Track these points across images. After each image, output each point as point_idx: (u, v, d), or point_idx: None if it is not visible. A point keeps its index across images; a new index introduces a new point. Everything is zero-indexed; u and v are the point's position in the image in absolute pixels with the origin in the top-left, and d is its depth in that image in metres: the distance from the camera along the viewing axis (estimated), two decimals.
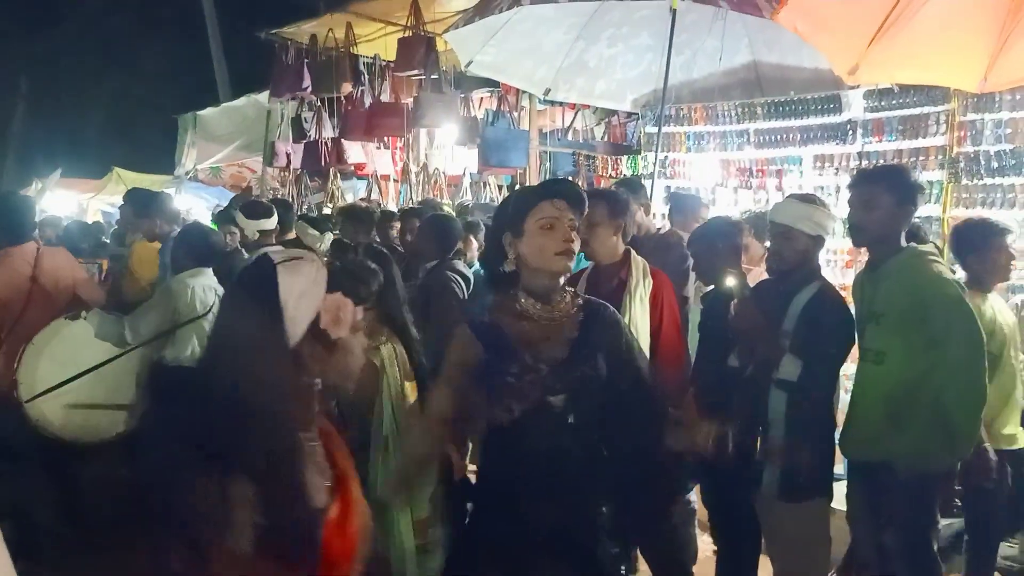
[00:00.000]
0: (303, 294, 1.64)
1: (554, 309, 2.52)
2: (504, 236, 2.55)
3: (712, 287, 3.90)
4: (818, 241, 3.43)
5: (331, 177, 10.04)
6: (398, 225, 6.33)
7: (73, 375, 3.52)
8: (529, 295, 2.52)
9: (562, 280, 2.54)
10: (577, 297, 2.63)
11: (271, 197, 7.63)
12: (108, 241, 10.11)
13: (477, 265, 5.22)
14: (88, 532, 1.69)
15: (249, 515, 1.51)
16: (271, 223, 5.51)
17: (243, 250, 5.68)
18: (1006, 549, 4.69)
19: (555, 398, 2.44)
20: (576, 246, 2.49)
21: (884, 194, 3.26)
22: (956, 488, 3.61)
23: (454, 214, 6.22)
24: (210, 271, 4.60)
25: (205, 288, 4.51)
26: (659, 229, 5.13)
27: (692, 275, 4.65)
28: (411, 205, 8.20)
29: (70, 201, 17.31)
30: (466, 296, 4.71)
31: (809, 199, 3.53)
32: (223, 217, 6.73)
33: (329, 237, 6.19)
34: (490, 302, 2.64)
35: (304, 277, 1.66)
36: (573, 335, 2.52)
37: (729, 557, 3.88)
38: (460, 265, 4.87)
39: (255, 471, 1.53)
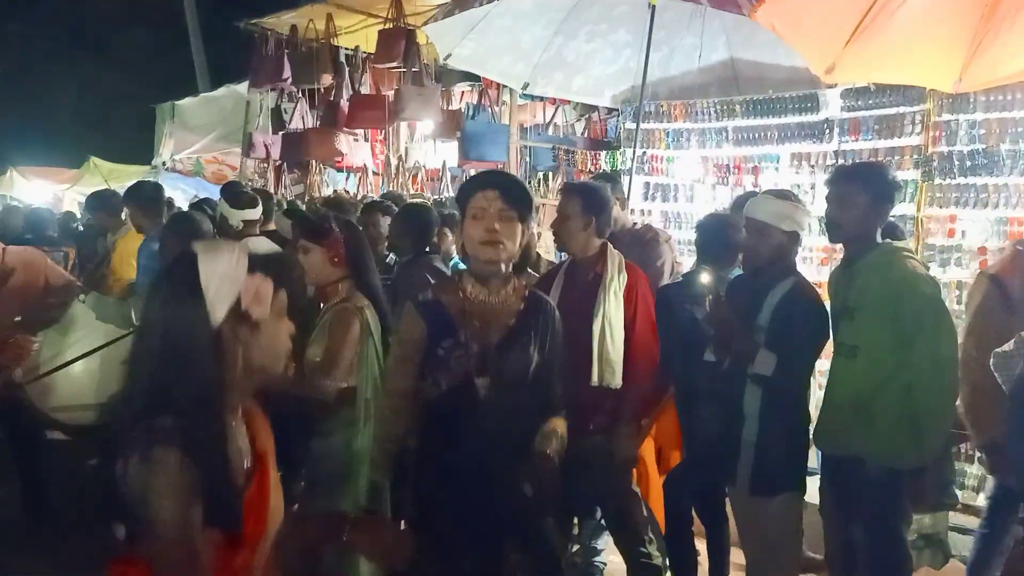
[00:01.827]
0: (224, 277, 1.70)
1: (492, 294, 2.64)
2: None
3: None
4: (793, 237, 3.47)
5: (312, 169, 9.99)
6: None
7: (78, 355, 3.52)
8: (472, 277, 2.65)
9: (502, 268, 2.62)
10: (524, 288, 2.74)
11: (251, 188, 7.57)
12: (82, 228, 10.00)
13: (456, 259, 5.19)
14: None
15: (179, 492, 1.58)
16: (256, 213, 5.43)
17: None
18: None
19: (480, 379, 2.57)
20: (504, 237, 2.55)
21: (861, 192, 3.30)
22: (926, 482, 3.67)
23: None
24: None
25: None
26: (635, 224, 5.14)
27: (667, 271, 4.68)
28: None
29: (45, 191, 17.15)
30: None
31: (784, 195, 3.57)
32: (197, 208, 6.67)
33: None
34: (439, 283, 2.79)
35: (225, 260, 1.72)
36: (510, 322, 2.64)
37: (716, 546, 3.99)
38: (436, 260, 4.71)
39: (184, 449, 1.60)
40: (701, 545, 4.20)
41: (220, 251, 1.75)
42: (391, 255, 5.27)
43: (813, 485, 3.64)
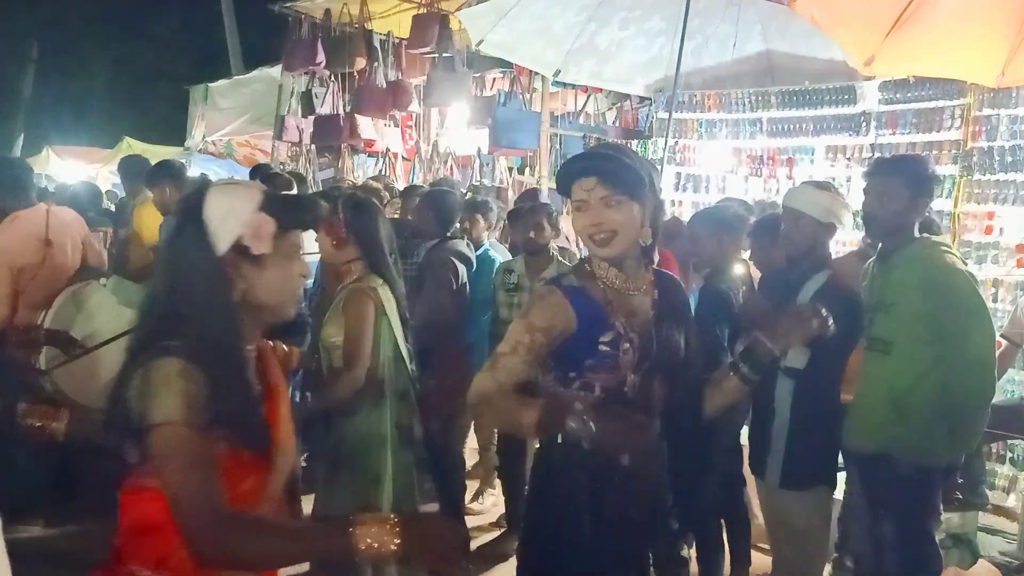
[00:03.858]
0: (229, 211, 1.77)
1: (631, 279, 2.31)
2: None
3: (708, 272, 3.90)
4: (828, 228, 3.42)
5: (343, 153, 10.01)
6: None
7: (102, 342, 3.52)
8: (604, 262, 2.29)
9: (630, 251, 2.28)
10: (650, 268, 2.41)
11: (284, 171, 7.59)
12: (113, 208, 10.06)
13: (487, 246, 5.18)
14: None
15: (187, 397, 1.63)
16: None
17: None
18: (1004, 545, 4.73)
19: (633, 376, 2.27)
20: (613, 224, 2.21)
21: (900, 185, 3.24)
22: (959, 481, 3.64)
23: (466, 194, 6.20)
24: None
25: None
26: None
27: (691, 266, 4.63)
28: (420, 183, 8.17)
29: (79, 170, 17.31)
30: (467, 279, 4.64)
31: (824, 186, 3.52)
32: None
33: None
34: (569, 267, 2.45)
35: (233, 197, 1.80)
36: (651, 310, 2.34)
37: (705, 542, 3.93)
38: (462, 245, 4.72)
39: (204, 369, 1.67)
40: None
41: (230, 188, 1.84)
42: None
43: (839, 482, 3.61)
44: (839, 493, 3.61)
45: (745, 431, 3.78)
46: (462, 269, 4.57)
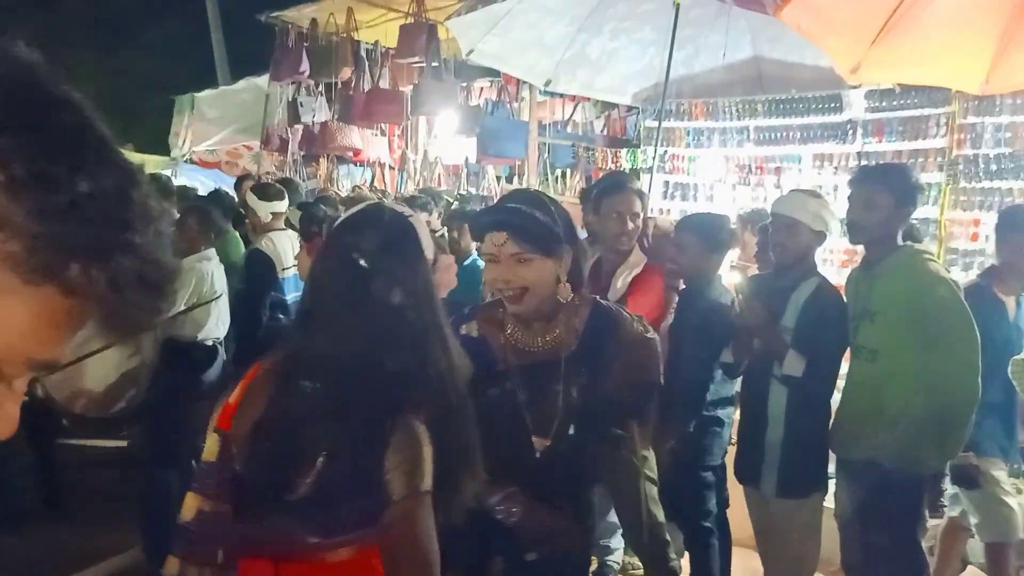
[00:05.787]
0: (428, 246, 1.84)
1: (538, 336, 2.23)
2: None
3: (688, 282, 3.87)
4: (819, 236, 3.43)
5: (325, 162, 9.96)
6: None
7: (97, 348, 3.50)
8: (513, 316, 2.23)
9: (542, 306, 2.18)
10: (582, 315, 2.26)
11: (274, 178, 7.56)
12: None
13: (475, 256, 5.15)
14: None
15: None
16: (283, 205, 5.36)
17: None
18: None
19: (537, 437, 2.19)
20: (523, 281, 2.12)
21: (884, 193, 3.26)
22: (943, 488, 3.63)
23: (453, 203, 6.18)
24: (213, 251, 4.58)
25: (217, 271, 4.51)
26: None
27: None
28: (409, 194, 8.15)
29: None
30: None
31: (813, 194, 3.54)
32: (210, 199, 6.62)
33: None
34: (484, 314, 2.33)
35: (425, 232, 1.86)
36: (559, 366, 2.21)
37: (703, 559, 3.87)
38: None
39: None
40: None
41: (420, 223, 1.89)
42: None
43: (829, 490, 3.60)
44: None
45: None
46: None
